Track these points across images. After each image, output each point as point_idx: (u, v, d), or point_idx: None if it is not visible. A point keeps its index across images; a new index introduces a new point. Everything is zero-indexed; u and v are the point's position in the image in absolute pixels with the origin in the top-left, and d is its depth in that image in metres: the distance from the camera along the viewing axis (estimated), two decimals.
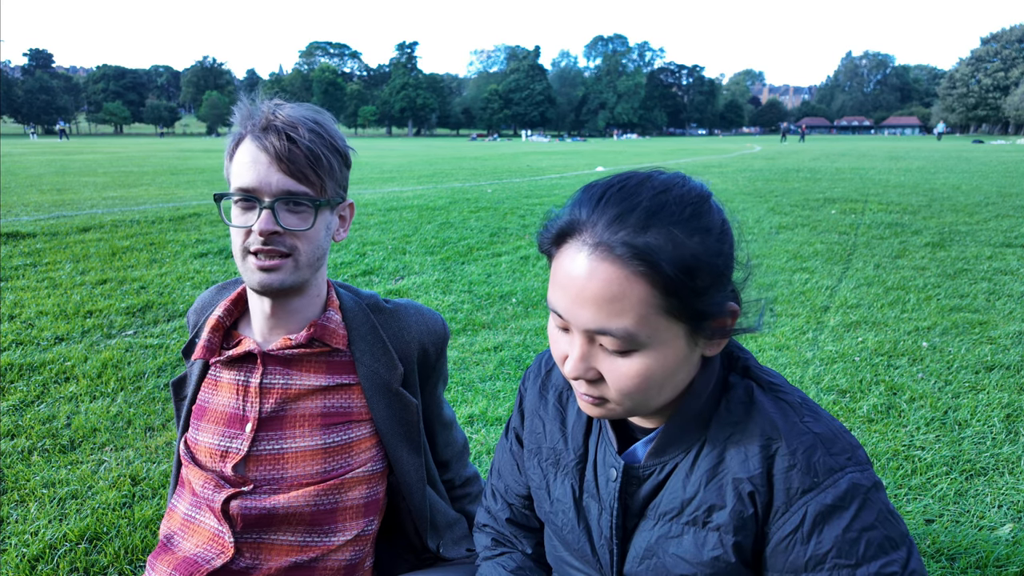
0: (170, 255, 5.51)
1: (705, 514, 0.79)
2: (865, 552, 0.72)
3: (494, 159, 21.46)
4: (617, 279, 0.70)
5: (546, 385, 1.02)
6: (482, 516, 1.15)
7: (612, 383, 0.76)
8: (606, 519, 0.88)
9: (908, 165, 15.93)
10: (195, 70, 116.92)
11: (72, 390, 2.95)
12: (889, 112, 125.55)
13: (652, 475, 0.84)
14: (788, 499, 0.75)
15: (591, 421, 0.94)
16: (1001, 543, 1.92)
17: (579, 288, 0.72)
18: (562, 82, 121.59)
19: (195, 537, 1.11)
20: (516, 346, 3.59)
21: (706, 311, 0.74)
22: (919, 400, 2.87)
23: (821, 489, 0.74)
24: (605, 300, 0.71)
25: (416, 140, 71.48)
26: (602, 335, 0.73)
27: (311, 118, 1.07)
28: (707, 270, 0.72)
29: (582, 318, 0.73)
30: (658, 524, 0.84)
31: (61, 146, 34.62)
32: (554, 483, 0.96)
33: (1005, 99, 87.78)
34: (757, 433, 0.78)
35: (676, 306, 0.72)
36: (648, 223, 0.70)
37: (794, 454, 0.75)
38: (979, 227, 6.86)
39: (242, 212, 1.05)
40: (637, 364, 0.74)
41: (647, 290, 0.70)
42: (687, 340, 0.75)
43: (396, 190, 10.54)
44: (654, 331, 0.72)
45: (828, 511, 0.73)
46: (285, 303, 1.12)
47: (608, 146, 41.53)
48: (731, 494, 0.78)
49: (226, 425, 1.12)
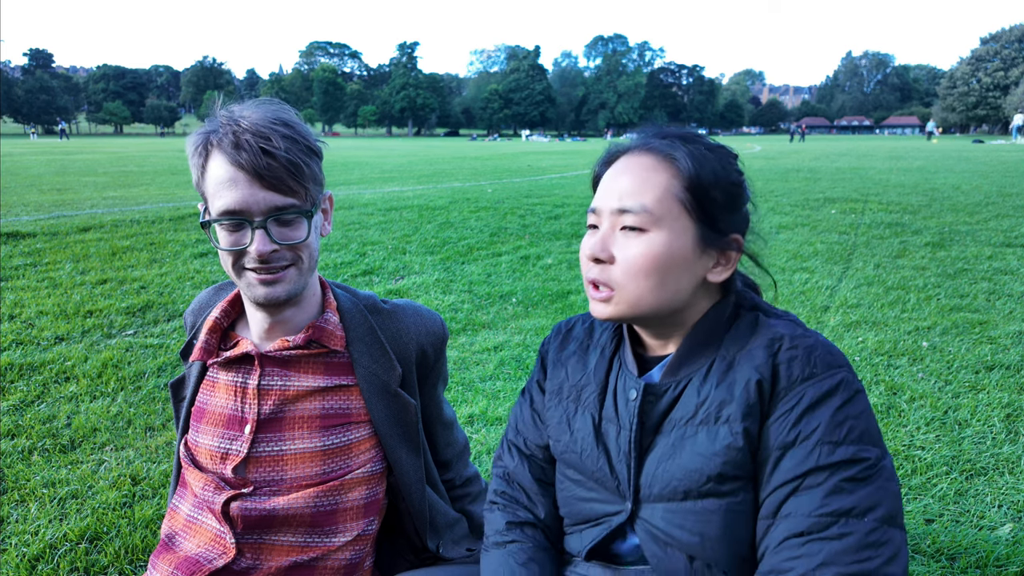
0: (170, 255, 5.51)
1: (716, 410, 0.87)
2: (847, 435, 0.81)
3: (494, 159, 21.46)
4: (648, 164, 0.89)
5: (568, 338, 1.12)
6: (496, 483, 1.16)
7: (621, 262, 0.88)
8: (625, 436, 0.95)
9: (908, 165, 15.93)
10: (195, 70, 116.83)
11: (72, 390, 2.95)
12: (889, 112, 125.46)
13: (668, 391, 0.92)
14: (789, 384, 0.85)
15: (611, 360, 1.02)
16: (1001, 543, 1.92)
17: (615, 176, 0.91)
18: (562, 82, 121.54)
19: (197, 537, 1.11)
20: (516, 346, 3.58)
21: (715, 222, 0.88)
22: (919, 400, 2.87)
23: (819, 379, 0.84)
24: (634, 181, 0.88)
25: (416, 140, 71.44)
26: (624, 213, 0.88)
27: (279, 120, 1.01)
28: (721, 188, 0.88)
29: (612, 199, 0.89)
30: (674, 431, 0.91)
31: (61, 146, 34.62)
32: (575, 417, 1.03)
33: (1005, 99, 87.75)
34: (763, 339, 0.89)
35: (691, 203, 0.87)
36: (684, 140, 0.90)
37: (795, 347, 0.86)
38: (979, 227, 6.86)
39: (230, 233, 1.02)
40: (647, 243, 0.86)
41: (670, 179, 0.87)
42: (695, 243, 0.88)
43: (396, 190, 10.53)
44: (667, 214, 0.86)
45: (822, 396, 0.83)
46: (282, 308, 1.11)
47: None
48: (740, 388, 0.86)
49: (225, 427, 1.12)
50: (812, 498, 0.80)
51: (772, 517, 0.83)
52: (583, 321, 1.12)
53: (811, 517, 0.79)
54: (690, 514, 0.88)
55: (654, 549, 0.91)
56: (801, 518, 0.80)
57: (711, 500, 0.86)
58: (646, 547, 0.92)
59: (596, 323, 1.10)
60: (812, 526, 0.79)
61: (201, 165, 1.01)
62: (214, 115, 1.03)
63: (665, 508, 0.90)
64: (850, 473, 0.79)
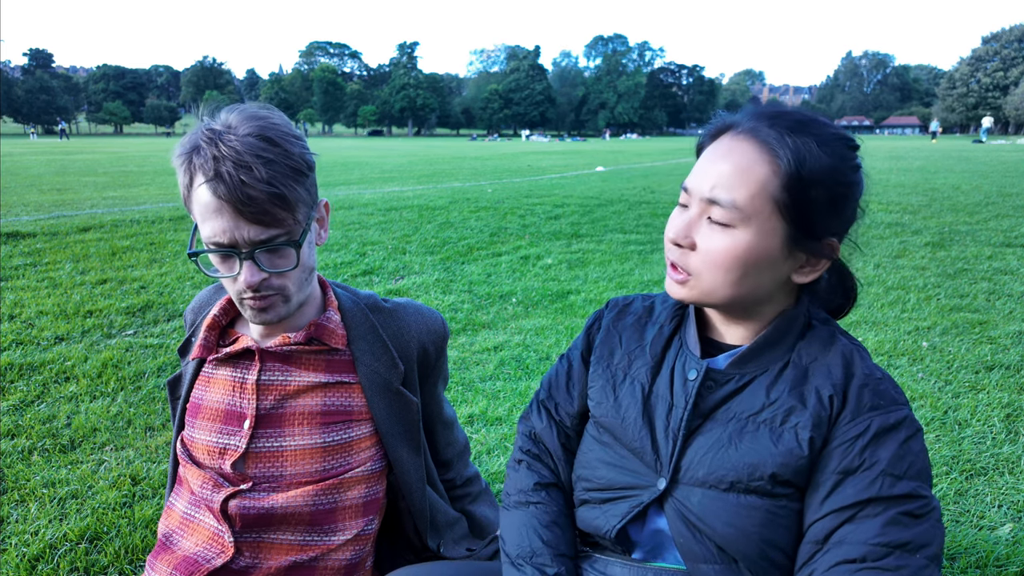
0: (170, 255, 5.51)
1: (785, 414, 0.86)
2: (908, 470, 0.81)
3: (494, 159, 21.45)
4: (749, 155, 0.83)
5: (625, 311, 1.10)
6: (522, 440, 1.15)
7: (702, 252, 0.86)
8: (677, 414, 0.93)
9: (908, 165, 15.92)
10: (195, 70, 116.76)
11: (72, 390, 2.95)
12: (889, 112, 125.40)
13: (731, 381, 0.91)
14: (858, 409, 0.84)
15: (670, 339, 1.01)
16: (1001, 543, 1.92)
17: (714, 159, 0.85)
18: (562, 82, 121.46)
19: (195, 536, 1.11)
20: (516, 346, 3.58)
21: (810, 225, 0.83)
22: (919, 400, 2.87)
23: (887, 411, 0.83)
24: (731, 171, 0.83)
25: (416, 140, 71.47)
26: (713, 204, 0.84)
27: (263, 138, 0.96)
28: (825, 188, 0.81)
29: (704, 185, 0.85)
30: (731, 423, 0.89)
31: (61, 146, 34.62)
32: (622, 384, 1.01)
33: (1005, 99, 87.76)
34: (840, 358, 0.88)
35: (786, 202, 0.81)
36: (795, 129, 0.82)
37: (868, 377, 0.86)
38: (979, 227, 6.86)
39: (222, 261, 1.02)
40: (730, 239, 0.83)
41: (768, 175, 0.81)
42: (783, 243, 0.84)
43: (396, 190, 10.53)
44: (758, 213, 0.82)
45: (889, 429, 0.82)
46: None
47: (607, 146, 41.53)
48: (812, 398, 0.86)
49: (223, 422, 1.12)
50: (871, 527, 0.79)
51: (822, 543, 0.82)
52: (643, 299, 1.10)
53: (867, 545, 0.78)
54: (731, 506, 0.87)
55: (683, 531, 0.90)
56: (857, 545, 0.79)
57: (756, 497, 0.86)
58: (674, 527, 0.91)
59: (656, 302, 1.09)
60: (868, 554, 0.78)
61: (187, 185, 0.99)
62: (199, 123, 1.01)
63: (704, 494, 0.89)
64: (909, 508, 0.79)
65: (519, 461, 1.12)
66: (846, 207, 0.85)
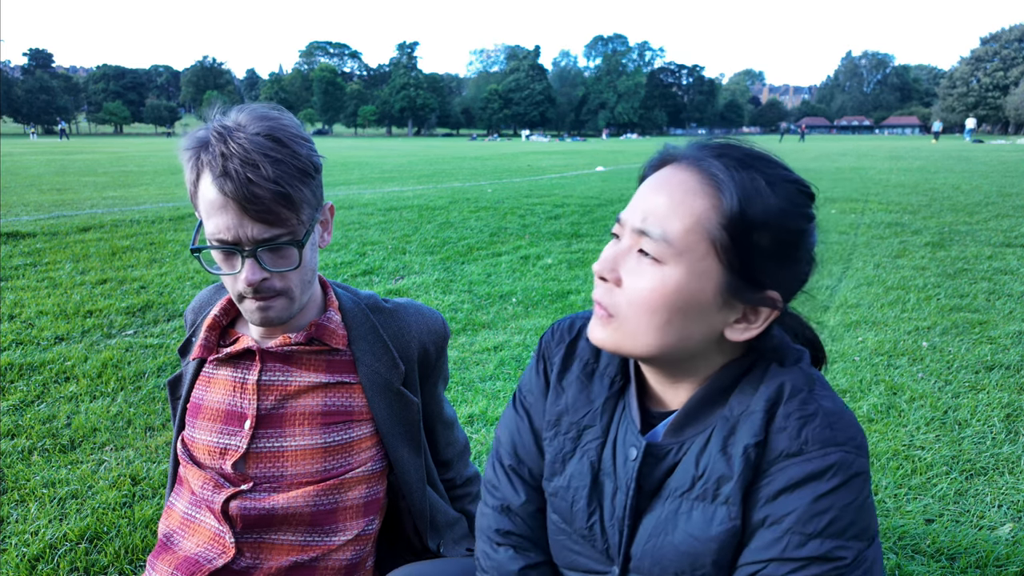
0: (170, 255, 5.51)
1: (715, 487, 0.77)
2: (826, 527, 0.70)
3: (494, 159, 21.45)
4: (688, 185, 0.74)
5: (571, 354, 0.96)
6: (497, 520, 1.00)
7: (627, 290, 0.76)
8: (621, 498, 0.85)
9: (908, 165, 15.93)
10: (195, 70, 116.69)
11: (72, 390, 2.95)
12: (889, 112, 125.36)
13: (670, 454, 0.82)
14: (774, 457, 0.74)
15: (617, 400, 0.90)
16: (1001, 543, 1.92)
17: (652, 188, 0.77)
18: (562, 82, 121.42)
19: (195, 537, 1.11)
20: (516, 346, 3.59)
21: (750, 272, 0.73)
22: (919, 400, 2.87)
23: (806, 457, 0.72)
24: (666, 202, 0.74)
25: (416, 140, 71.46)
26: (644, 236, 0.75)
27: (272, 138, 0.97)
28: (770, 232, 0.72)
29: (637, 216, 0.76)
30: (669, 501, 0.81)
31: (61, 146, 34.62)
32: (571, 459, 0.92)
33: (1005, 98, 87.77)
34: (764, 398, 0.76)
35: (724, 243, 0.72)
36: (743, 164, 0.73)
37: (788, 417, 0.74)
38: (979, 227, 6.86)
39: (225, 258, 1.02)
40: (657, 276, 0.74)
41: (707, 209, 0.72)
42: (718, 290, 0.74)
43: (396, 190, 10.53)
44: (690, 250, 0.73)
45: (805, 479, 0.71)
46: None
47: (607, 146, 41.52)
48: (738, 462, 0.75)
49: (224, 422, 1.12)
50: None
51: None
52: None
53: None
54: None
55: None
56: None
57: None
58: None
59: None
60: None
61: (193, 181, 1.00)
62: (208, 120, 1.01)
63: None
64: (817, 572, 0.69)
65: (498, 544, 0.99)
66: (793, 258, 0.75)
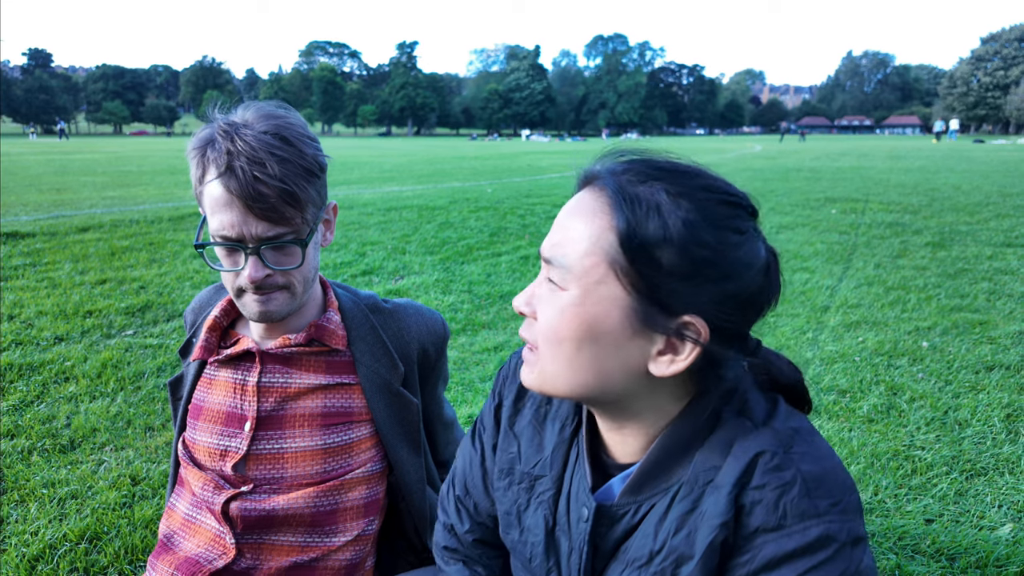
0: (169, 255, 5.51)
1: (672, 566, 0.69)
2: None
3: (494, 159, 21.46)
4: (592, 205, 0.68)
5: (523, 395, 0.90)
6: (445, 537, 1.01)
7: (540, 322, 0.71)
8: (575, 559, 0.79)
9: (909, 165, 15.93)
10: (194, 70, 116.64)
11: (72, 390, 2.95)
12: (890, 112, 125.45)
13: (626, 515, 0.74)
14: (749, 534, 0.65)
15: (569, 447, 0.83)
16: (1001, 543, 1.92)
17: (564, 213, 0.71)
18: (562, 82, 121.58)
19: (196, 537, 1.11)
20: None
21: (656, 295, 0.65)
22: (919, 400, 2.87)
23: (786, 533, 0.64)
24: (569, 227, 0.69)
25: (416, 139, 71.45)
26: (549, 264, 0.70)
27: (279, 137, 0.97)
28: (674, 249, 0.63)
29: (547, 243, 0.71)
30: (627, 571, 0.74)
31: (60, 146, 34.61)
32: (526, 512, 0.85)
33: (1005, 98, 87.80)
34: (736, 467, 0.67)
35: (623, 265, 0.65)
36: (648, 177, 0.66)
37: (764, 485, 0.65)
38: (980, 227, 6.86)
39: (228, 254, 1.02)
40: (558, 303, 0.69)
41: (602, 230, 0.66)
42: (627, 318, 0.66)
43: (396, 190, 10.53)
44: (586, 274, 0.67)
45: (784, 557, 0.63)
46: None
47: (607, 145, 41.40)
48: (700, 543, 0.67)
49: (224, 424, 1.12)
50: None
51: None
52: None
53: None
54: None
55: None
56: None
57: None
58: None
59: None
60: None
61: (199, 178, 1.00)
62: (214, 118, 1.01)
63: None
64: None
65: (448, 550, 0.99)
66: (708, 277, 0.64)
